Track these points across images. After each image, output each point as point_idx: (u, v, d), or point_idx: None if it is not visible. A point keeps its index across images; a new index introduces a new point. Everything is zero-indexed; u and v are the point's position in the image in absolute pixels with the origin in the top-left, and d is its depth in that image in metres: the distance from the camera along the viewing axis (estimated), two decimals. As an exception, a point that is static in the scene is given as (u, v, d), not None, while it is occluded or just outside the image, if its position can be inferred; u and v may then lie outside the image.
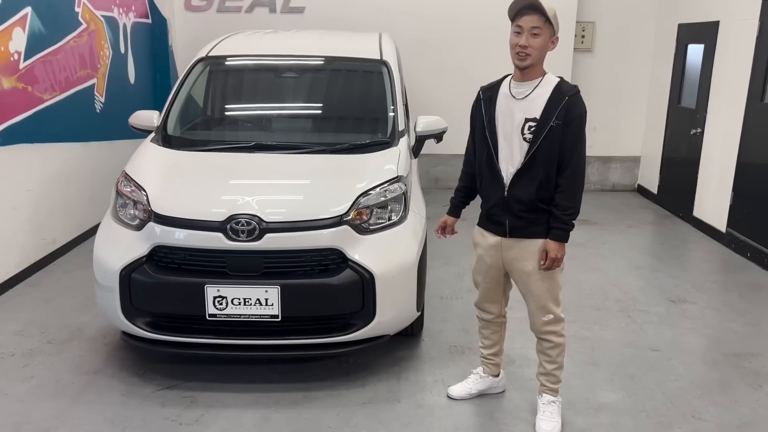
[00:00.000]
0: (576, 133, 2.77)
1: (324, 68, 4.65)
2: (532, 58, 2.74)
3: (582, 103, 2.80)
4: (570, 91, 2.77)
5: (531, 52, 2.72)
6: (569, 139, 2.75)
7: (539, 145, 2.76)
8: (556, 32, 2.76)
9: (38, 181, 5.05)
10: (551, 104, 2.76)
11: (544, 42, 2.74)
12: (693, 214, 6.68)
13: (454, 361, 3.77)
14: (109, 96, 6.20)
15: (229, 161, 3.76)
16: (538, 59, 2.77)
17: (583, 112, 2.79)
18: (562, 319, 3.03)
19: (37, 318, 4.24)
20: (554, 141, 2.75)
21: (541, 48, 2.75)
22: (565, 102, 2.74)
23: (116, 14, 6.42)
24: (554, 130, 2.75)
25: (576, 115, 2.76)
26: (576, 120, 2.76)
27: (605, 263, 5.52)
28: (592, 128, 8.01)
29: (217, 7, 7.76)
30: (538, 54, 2.75)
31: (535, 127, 2.78)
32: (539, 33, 2.72)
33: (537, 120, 2.77)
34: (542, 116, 2.77)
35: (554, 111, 2.75)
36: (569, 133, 2.75)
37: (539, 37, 2.72)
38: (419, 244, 3.53)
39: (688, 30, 7.00)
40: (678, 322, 4.36)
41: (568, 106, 2.74)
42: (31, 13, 4.87)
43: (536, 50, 2.73)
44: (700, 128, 6.56)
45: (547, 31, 2.73)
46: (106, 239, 3.46)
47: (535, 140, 2.77)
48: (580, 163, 2.79)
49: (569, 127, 2.74)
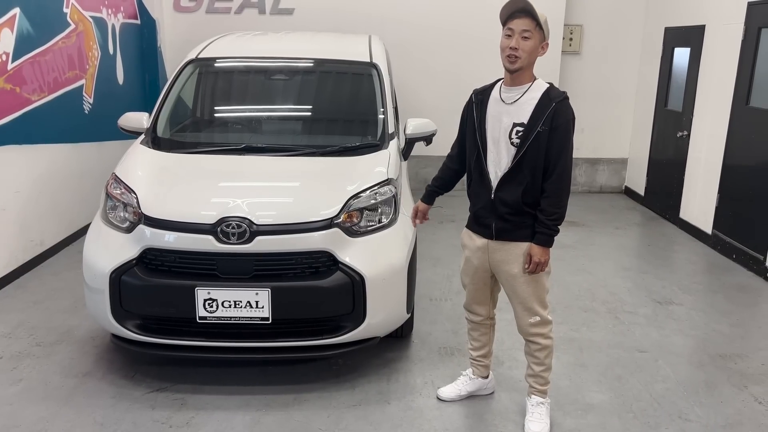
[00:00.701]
0: (562, 139, 2.79)
1: (314, 70, 4.66)
2: (521, 61, 2.77)
3: (569, 109, 2.82)
4: (558, 98, 2.80)
5: (521, 55, 2.75)
6: (555, 145, 2.78)
7: (526, 150, 2.79)
8: (547, 38, 2.80)
9: (26, 182, 5.02)
10: (539, 110, 2.79)
11: (534, 46, 2.77)
12: (680, 216, 6.75)
13: (443, 362, 3.79)
14: (97, 97, 6.17)
15: (219, 163, 3.77)
16: (528, 63, 2.80)
17: (570, 118, 2.81)
18: (549, 321, 3.06)
19: (26, 320, 4.22)
20: (540, 146, 2.78)
21: (531, 51, 2.78)
22: (552, 108, 2.77)
23: (105, 15, 6.39)
24: (541, 135, 2.78)
25: (562, 121, 2.78)
26: (562, 126, 2.78)
27: (593, 265, 5.56)
28: (580, 130, 8.07)
29: (206, 8, 7.75)
30: (528, 57, 2.78)
31: (522, 132, 2.81)
32: (530, 36, 2.75)
33: (524, 125, 2.80)
34: (529, 121, 2.80)
35: (541, 117, 2.78)
36: (555, 139, 2.78)
37: (529, 41, 2.75)
38: (409, 246, 3.55)
39: (674, 33, 7.07)
40: (665, 324, 4.41)
41: (555, 112, 2.77)
42: (20, 14, 4.84)
43: (526, 53, 2.76)
44: (686, 131, 6.63)
45: (538, 35, 2.76)
46: (96, 242, 3.45)
47: (522, 145, 2.80)
48: (566, 169, 2.82)
49: (555, 133, 2.77)
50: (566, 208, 2.86)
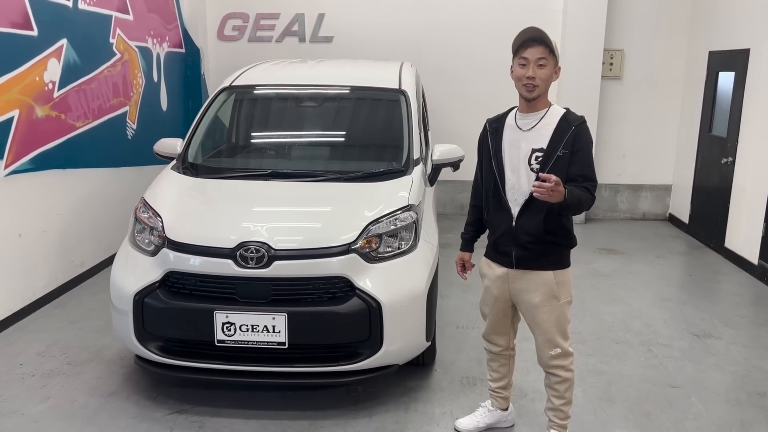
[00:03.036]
0: (584, 161, 2.78)
1: (343, 97, 4.72)
2: (539, 89, 2.78)
3: (588, 133, 2.82)
4: (576, 121, 2.79)
5: (538, 83, 2.76)
6: (578, 165, 2.77)
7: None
8: (558, 63, 2.78)
9: (68, 205, 5.22)
10: (558, 134, 2.78)
11: (550, 72, 2.77)
12: (724, 245, 6.49)
13: (464, 392, 3.72)
14: (141, 123, 6.40)
15: (244, 188, 3.83)
16: (545, 90, 2.81)
17: (589, 141, 2.82)
18: (570, 353, 2.97)
19: (60, 339, 4.35)
20: (560, 171, 2.75)
21: (548, 79, 2.78)
22: (572, 131, 2.77)
23: (150, 45, 6.65)
24: (561, 159, 2.76)
25: (584, 143, 2.78)
26: (584, 148, 2.78)
27: (629, 294, 5.39)
28: (621, 156, 7.95)
29: (248, 37, 7.97)
30: (545, 85, 2.79)
31: (542, 157, 2.79)
32: (545, 64, 2.75)
33: (544, 150, 2.79)
34: (549, 146, 2.78)
35: (561, 140, 2.76)
36: (577, 161, 2.76)
37: (545, 68, 2.75)
38: (429, 273, 3.52)
39: (719, 57, 6.88)
40: (701, 358, 4.23)
41: (575, 136, 2.77)
42: (67, 45, 5.08)
43: (543, 81, 2.77)
44: (731, 157, 6.41)
45: (552, 61, 2.76)
46: (123, 264, 3.55)
47: (543, 169, 2.77)
48: (592, 186, 2.79)
49: (577, 156, 2.76)
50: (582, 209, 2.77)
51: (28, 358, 4.06)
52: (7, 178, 4.44)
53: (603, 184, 8.03)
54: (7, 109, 4.40)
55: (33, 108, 4.68)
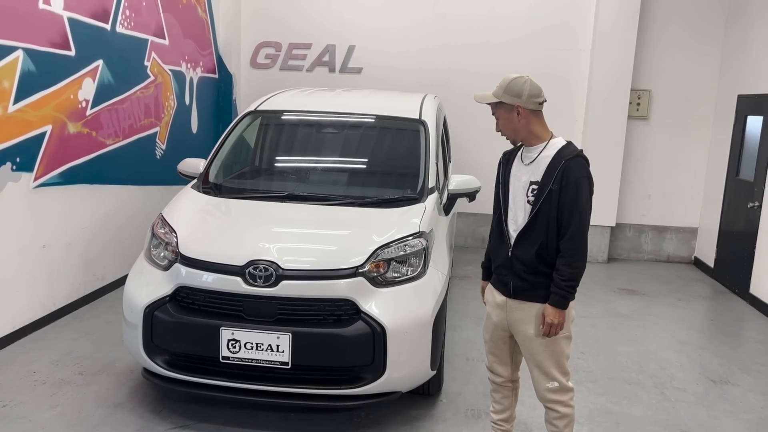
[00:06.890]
0: (573, 197, 2.76)
1: (363, 125, 4.80)
2: (510, 136, 2.94)
3: (581, 167, 2.79)
4: (568, 156, 2.79)
5: (504, 132, 2.94)
6: (566, 203, 2.76)
7: (539, 208, 2.80)
8: (515, 102, 2.82)
9: (93, 219, 5.36)
10: (551, 168, 2.81)
11: (506, 120, 2.90)
12: (749, 291, 6.34)
13: (468, 425, 3.68)
14: (170, 143, 6.58)
15: (258, 209, 3.90)
16: (514, 132, 2.91)
17: (581, 176, 2.78)
18: (570, 389, 2.94)
19: (75, 349, 4.44)
20: (552, 205, 2.78)
21: (507, 126, 2.91)
22: (561, 166, 2.78)
23: (184, 69, 6.86)
24: (552, 193, 2.78)
25: (572, 179, 2.76)
26: (572, 184, 2.76)
27: (646, 336, 5.29)
28: (647, 196, 7.86)
29: (280, 66, 8.16)
30: (510, 131, 2.93)
31: (536, 190, 2.83)
32: (498, 116, 2.92)
33: (538, 183, 2.82)
34: (542, 179, 2.82)
35: (552, 175, 2.79)
36: (566, 197, 2.76)
37: (500, 119, 2.92)
38: (437, 301, 3.52)
39: (747, 101, 6.82)
40: (715, 404, 4.11)
41: (564, 170, 2.77)
42: (102, 66, 5.29)
43: (506, 129, 2.92)
44: (758, 202, 6.30)
45: (502, 109, 2.88)
46: (137, 278, 3.63)
47: (536, 202, 2.81)
48: (581, 229, 2.77)
49: (565, 191, 2.76)
50: (583, 270, 2.79)
51: (42, 366, 4.15)
52: (36, 191, 4.60)
53: (627, 224, 7.96)
54: (41, 124, 4.58)
55: (66, 124, 4.86)
